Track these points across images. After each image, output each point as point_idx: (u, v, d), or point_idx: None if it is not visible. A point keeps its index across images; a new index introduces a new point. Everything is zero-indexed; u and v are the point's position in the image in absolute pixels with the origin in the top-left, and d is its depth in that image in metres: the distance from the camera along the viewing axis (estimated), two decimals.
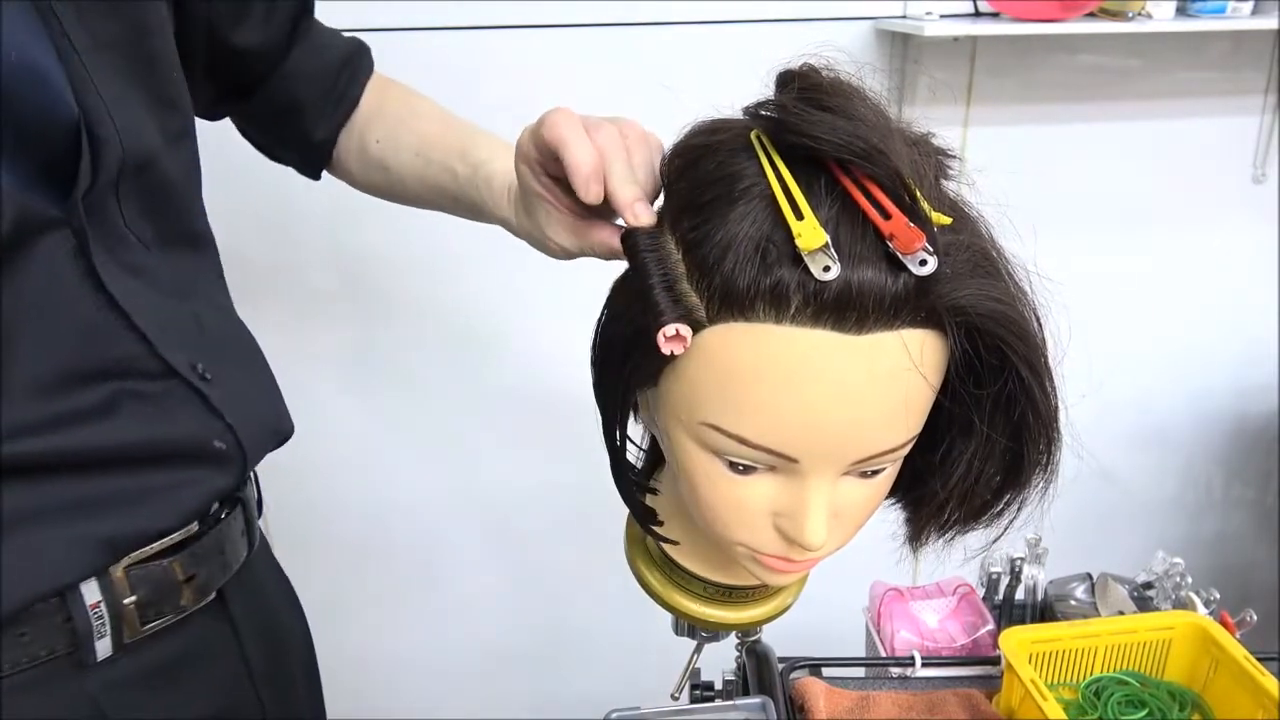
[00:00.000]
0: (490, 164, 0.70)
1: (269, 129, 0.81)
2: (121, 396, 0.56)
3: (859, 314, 0.46)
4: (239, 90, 0.76)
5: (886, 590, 1.05)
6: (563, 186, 0.59)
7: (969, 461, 0.55)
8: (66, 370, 0.53)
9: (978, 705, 0.88)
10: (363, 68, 0.81)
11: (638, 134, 0.57)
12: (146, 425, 0.57)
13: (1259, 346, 1.72)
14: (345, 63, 0.79)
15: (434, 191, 0.76)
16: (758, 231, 0.47)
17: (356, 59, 0.80)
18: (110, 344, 0.56)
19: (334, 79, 0.78)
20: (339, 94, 0.78)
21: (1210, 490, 1.85)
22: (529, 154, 0.58)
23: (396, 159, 0.77)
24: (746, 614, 0.69)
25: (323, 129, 0.79)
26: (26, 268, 0.50)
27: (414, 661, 1.69)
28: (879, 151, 0.45)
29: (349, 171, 0.81)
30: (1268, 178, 1.60)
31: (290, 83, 0.76)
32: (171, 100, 0.61)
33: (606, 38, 1.34)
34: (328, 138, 0.79)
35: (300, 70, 0.76)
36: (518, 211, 0.66)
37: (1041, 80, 1.48)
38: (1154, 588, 1.04)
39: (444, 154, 0.74)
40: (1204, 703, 0.87)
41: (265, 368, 0.72)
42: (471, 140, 0.73)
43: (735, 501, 0.53)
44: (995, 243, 0.51)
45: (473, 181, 0.71)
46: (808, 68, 0.50)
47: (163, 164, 0.59)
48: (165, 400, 0.59)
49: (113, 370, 0.56)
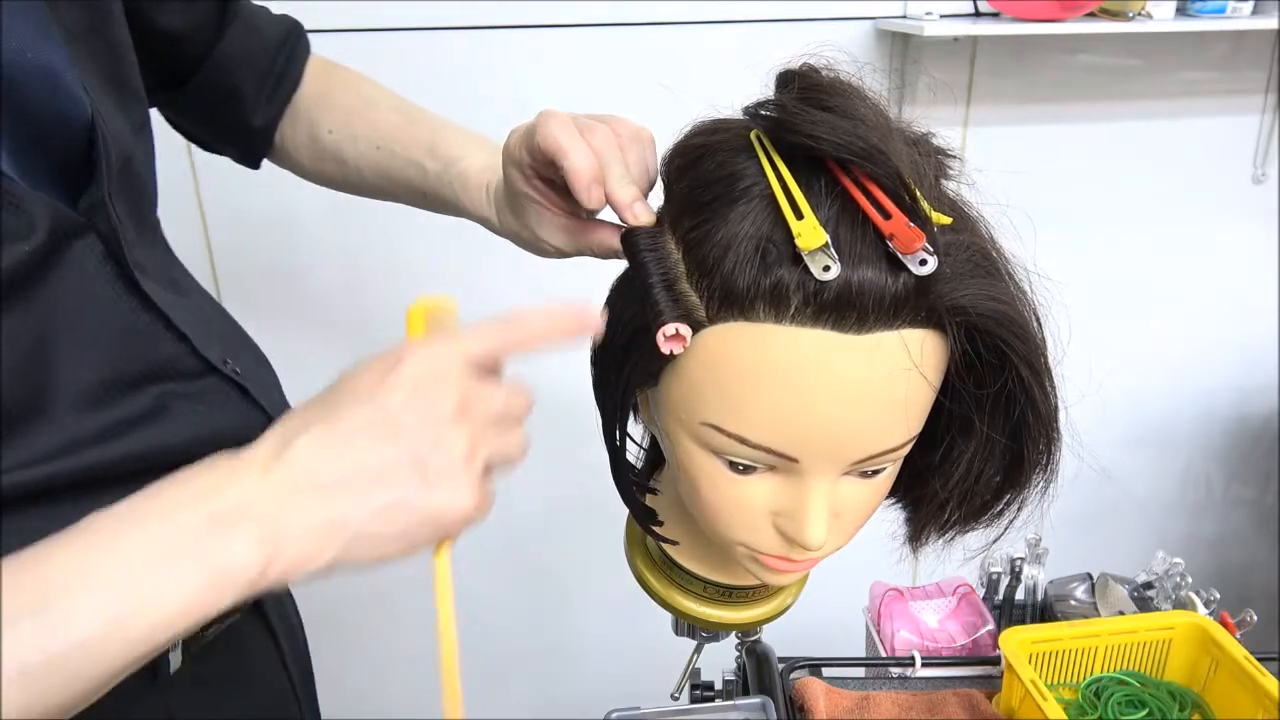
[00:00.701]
0: (463, 161, 0.69)
1: (205, 118, 0.76)
2: (169, 398, 0.55)
3: (859, 314, 0.46)
4: (172, 79, 0.72)
5: (886, 590, 1.05)
6: (556, 189, 0.59)
7: (969, 461, 0.55)
8: (113, 377, 0.52)
9: (978, 705, 0.88)
10: (300, 48, 0.77)
11: (630, 132, 0.56)
12: (198, 424, 0.56)
13: (1259, 346, 1.72)
14: (282, 43, 0.75)
15: (397, 185, 0.74)
16: (758, 231, 0.47)
17: (294, 39, 0.76)
18: (152, 346, 0.55)
19: (271, 60, 0.74)
20: (278, 76, 0.75)
21: (1210, 490, 1.85)
22: (521, 159, 0.58)
23: (354, 151, 0.74)
24: (746, 614, 0.69)
25: (262, 114, 0.75)
26: (63, 276, 0.49)
27: (414, 661, 1.69)
28: (879, 151, 0.45)
29: (297, 162, 0.78)
30: (1268, 178, 1.60)
31: (226, 67, 0.72)
32: (135, 90, 0.59)
33: (606, 38, 1.35)
34: (268, 123, 0.76)
35: (235, 52, 0.72)
36: (501, 212, 0.66)
37: (1041, 80, 1.48)
38: (1154, 588, 1.04)
39: (409, 148, 0.72)
40: (1204, 703, 0.87)
41: (263, 355, 0.72)
42: (439, 135, 0.72)
43: (735, 501, 0.53)
44: (995, 242, 0.51)
45: (444, 178, 0.70)
46: (807, 67, 0.50)
47: (136, 157, 0.58)
48: (210, 397, 0.58)
49: (157, 372, 0.55)
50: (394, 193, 0.76)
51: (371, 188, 0.77)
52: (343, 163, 0.75)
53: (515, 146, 0.58)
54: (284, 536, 0.40)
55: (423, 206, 0.75)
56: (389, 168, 0.73)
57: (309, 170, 0.79)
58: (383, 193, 0.77)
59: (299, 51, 0.77)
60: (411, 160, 0.72)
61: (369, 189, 0.77)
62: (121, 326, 0.53)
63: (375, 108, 0.75)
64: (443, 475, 0.43)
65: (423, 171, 0.71)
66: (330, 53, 1.28)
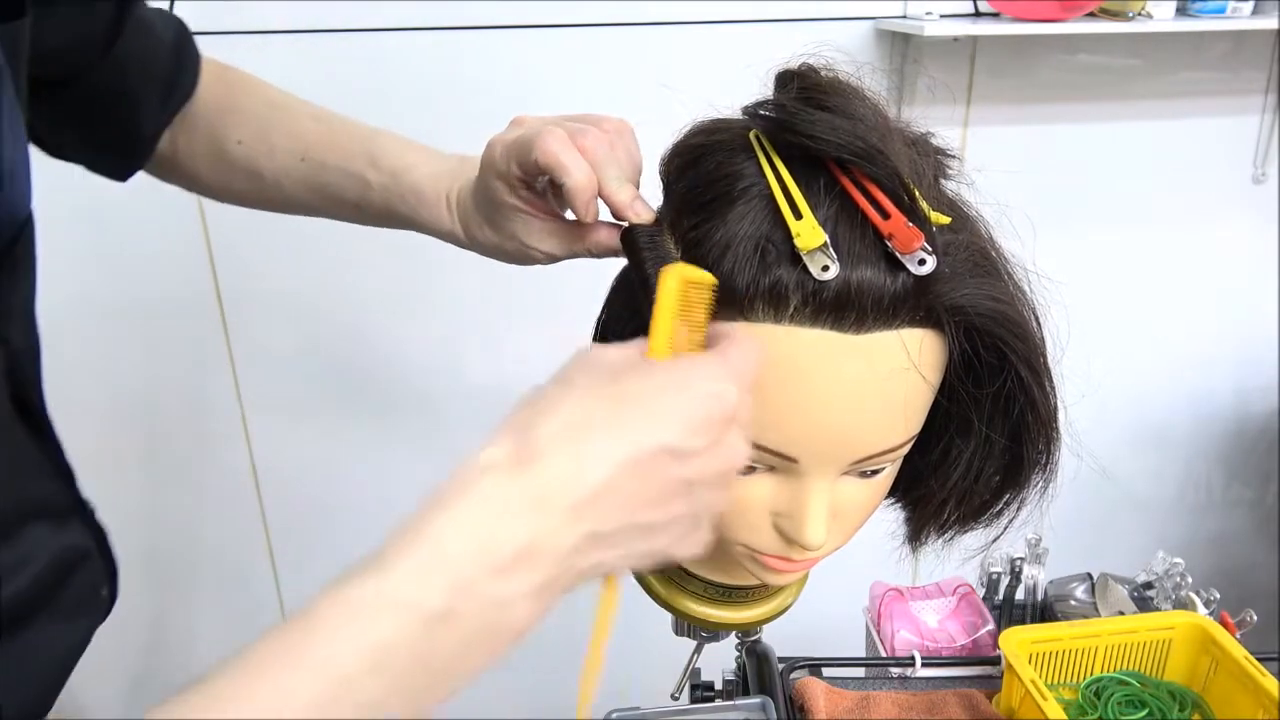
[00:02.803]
0: (414, 171, 0.64)
1: (79, 122, 0.66)
2: (31, 549, 0.48)
3: (858, 313, 0.46)
4: (53, 81, 0.61)
5: (886, 590, 1.05)
6: (541, 195, 0.57)
7: (968, 461, 0.55)
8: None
9: (978, 705, 0.88)
10: (191, 49, 0.69)
11: (616, 128, 0.55)
12: (57, 577, 0.50)
13: (1259, 346, 1.71)
14: (176, 45, 0.67)
15: (329, 200, 0.68)
16: (757, 231, 0.47)
17: (184, 40, 0.69)
18: (35, 480, 0.49)
19: (167, 64, 0.66)
20: (171, 81, 0.67)
21: (1210, 490, 1.85)
22: (509, 171, 0.55)
23: (272, 164, 0.67)
24: (746, 614, 0.69)
25: (153, 122, 0.67)
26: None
27: None
28: (878, 151, 0.45)
29: (194, 174, 0.70)
30: (1268, 178, 1.60)
31: (119, 70, 0.63)
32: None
33: (606, 38, 1.34)
34: (156, 131, 0.68)
35: (130, 55, 0.64)
36: (473, 225, 0.62)
37: (1041, 80, 1.48)
38: (1154, 588, 1.04)
39: (344, 159, 0.66)
40: (1204, 703, 0.87)
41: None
42: (376, 144, 0.66)
43: (735, 501, 0.53)
44: (994, 242, 0.51)
45: (394, 191, 0.64)
46: (806, 67, 0.50)
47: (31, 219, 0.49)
48: (72, 545, 0.52)
49: (35, 511, 0.48)
50: (323, 208, 0.69)
51: (295, 203, 0.69)
52: (258, 176, 0.68)
53: (502, 159, 0.55)
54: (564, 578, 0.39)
55: (358, 221, 0.69)
56: (320, 181, 0.67)
57: (209, 183, 0.71)
58: (308, 208, 0.70)
59: (191, 56, 0.69)
60: (349, 172, 0.65)
61: (291, 204, 0.70)
62: (9, 457, 0.47)
63: (290, 114, 0.69)
64: (702, 527, 0.43)
65: (364, 184, 0.65)
66: (330, 53, 1.29)
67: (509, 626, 0.38)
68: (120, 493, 1.54)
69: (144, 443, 1.52)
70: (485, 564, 0.36)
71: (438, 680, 0.36)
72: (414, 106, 1.29)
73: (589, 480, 0.38)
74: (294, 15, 1.27)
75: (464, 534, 0.37)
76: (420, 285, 1.44)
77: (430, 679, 0.36)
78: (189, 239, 1.37)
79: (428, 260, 1.39)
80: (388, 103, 1.30)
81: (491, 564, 0.37)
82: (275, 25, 1.28)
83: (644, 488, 0.39)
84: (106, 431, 1.49)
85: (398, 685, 0.35)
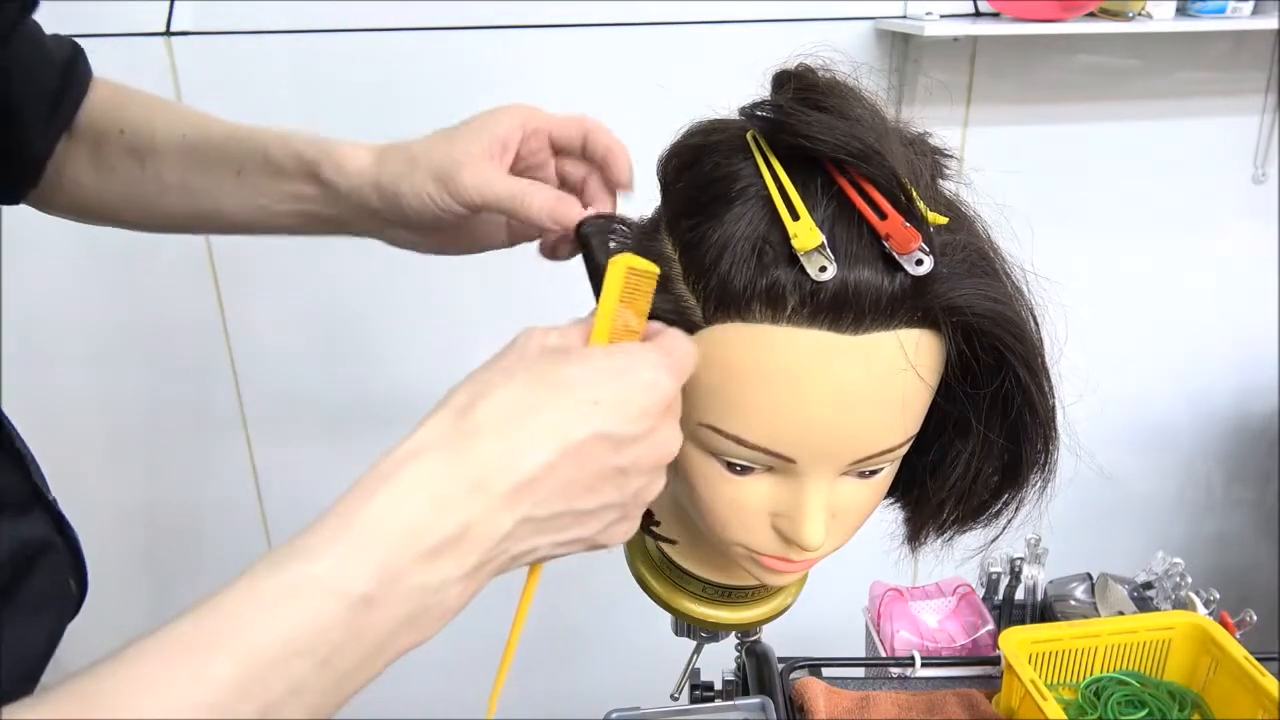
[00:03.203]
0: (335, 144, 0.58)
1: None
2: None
3: (855, 314, 0.46)
4: None
5: (886, 590, 1.05)
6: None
7: (967, 461, 0.55)
8: None
9: (978, 705, 0.88)
10: (83, 69, 0.65)
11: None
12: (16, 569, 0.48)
13: (1259, 346, 1.71)
14: (68, 63, 0.63)
15: (211, 176, 0.60)
16: (754, 232, 0.47)
17: (78, 61, 0.64)
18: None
19: (54, 79, 0.62)
20: (59, 96, 0.62)
21: (1210, 490, 1.85)
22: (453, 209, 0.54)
23: (154, 145, 0.61)
24: (746, 614, 0.69)
25: (42, 139, 0.62)
26: None
27: (413, 661, 1.69)
28: (875, 151, 0.45)
29: (77, 186, 0.64)
30: (1268, 178, 1.60)
31: (4, 74, 0.59)
32: None
33: (606, 38, 1.35)
34: (47, 149, 0.62)
35: (16, 61, 0.59)
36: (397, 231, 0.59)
37: (1041, 80, 1.48)
38: (1154, 588, 1.04)
39: (232, 129, 0.60)
40: (1204, 703, 0.87)
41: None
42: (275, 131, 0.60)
43: (733, 502, 0.53)
44: (992, 242, 0.51)
45: (298, 143, 0.58)
46: (803, 68, 0.50)
47: None
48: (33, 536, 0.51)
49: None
50: (204, 193, 0.60)
51: (175, 194, 0.61)
52: (138, 164, 0.62)
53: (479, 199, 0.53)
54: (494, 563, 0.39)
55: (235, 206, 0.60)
56: (202, 152, 0.60)
57: (89, 194, 0.64)
58: (192, 194, 0.61)
59: (82, 71, 0.64)
60: (237, 137, 0.59)
61: (172, 200, 0.62)
62: None
63: (180, 108, 0.64)
64: (630, 517, 0.43)
65: (257, 145, 0.58)
66: (330, 53, 1.29)
67: (439, 609, 0.38)
68: (120, 493, 1.54)
69: (144, 443, 1.52)
70: (416, 548, 0.36)
71: (366, 661, 0.36)
72: (414, 106, 1.29)
73: (527, 464, 0.38)
74: (294, 15, 1.27)
75: (395, 517, 0.36)
76: (421, 288, 1.44)
77: (359, 660, 0.36)
78: (190, 240, 1.37)
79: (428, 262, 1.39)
80: (387, 103, 1.30)
81: (423, 548, 0.36)
82: (275, 25, 1.28)
83: (580, 473, 0.39)
84: (107, 431, 1.50)
85: (326, 667, 0.35)
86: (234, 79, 1.30)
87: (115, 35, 1.25)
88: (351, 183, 0.56)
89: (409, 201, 0.54)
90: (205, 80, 1.29)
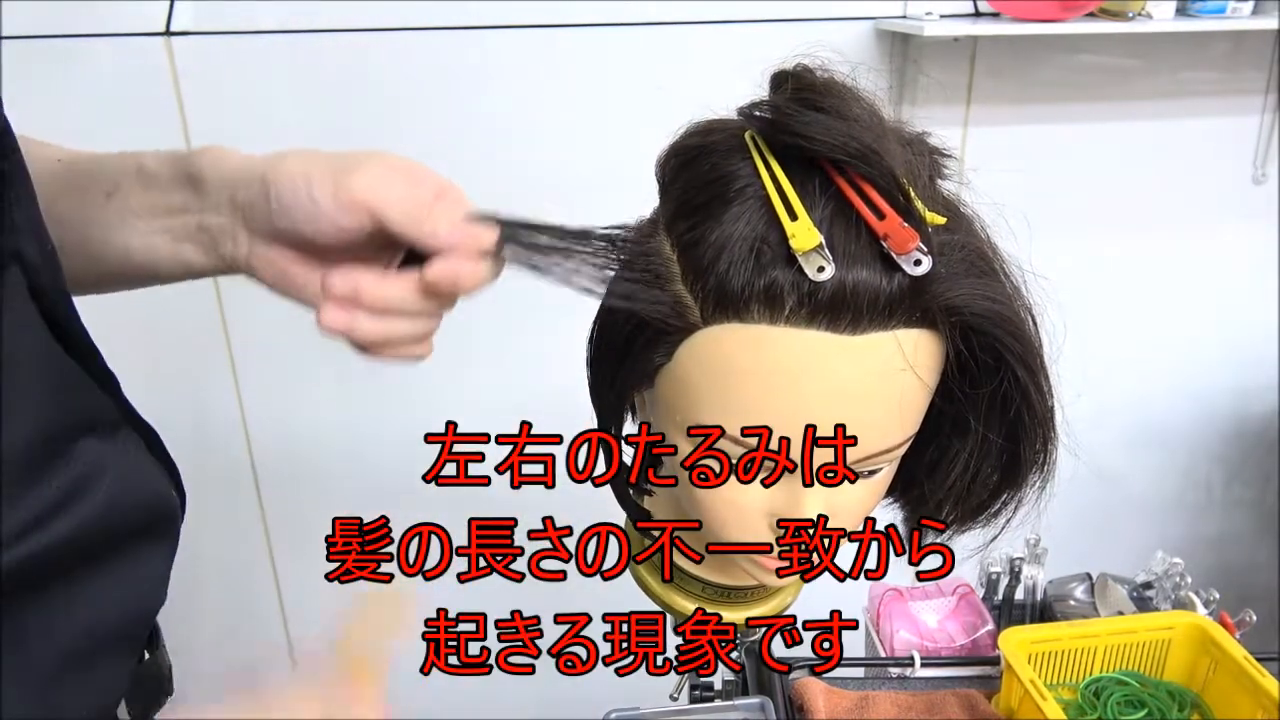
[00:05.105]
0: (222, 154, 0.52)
1: None
2: (90, 463, 0.46)
3: (853, 314, 0.46)
4: None
5: (886, 590, 1.05)
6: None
7: (965, 461, 0.55)
8: (49, 436, 0.44)
9: (977, 705, 0.87)
10: None
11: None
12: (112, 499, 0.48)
13: (1259, 346, 1.71)
14: None
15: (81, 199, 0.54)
16: (752, 232, 0.47)
17: None
18: (77, 394, 0.47)
19: None
20: None
21: (1210, 490, 1.85)
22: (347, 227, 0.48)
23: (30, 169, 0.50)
24: (745, 614, 0.69)
25: None
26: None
27: (413, 661, 1.69)
28: (873, 151, 0.45)
29: None
30: (1268, 178, 1.60)
31: None
32: None
33: (605, 38, 1.34)
34: None
35: None
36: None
37: (1041, 80, 1.48)
38: (1154, 588, 1.04)
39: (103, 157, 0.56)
40: (1204, 703, 0.87)
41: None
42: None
43: (733, 502, 0.53)
44: (991, 242, 0.51)
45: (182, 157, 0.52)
46: (801, 68, 0.50)
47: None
48: (129, 454, 0.51)
49: (84, 425, 0.47)
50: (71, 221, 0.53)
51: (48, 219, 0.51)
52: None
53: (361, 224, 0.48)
54: None
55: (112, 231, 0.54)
56: (73, 180, 0.54)
57: None
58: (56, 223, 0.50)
59: None
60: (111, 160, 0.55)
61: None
62: (49, 372, 0.45)
63: (57, 146, 0.58)
64: None
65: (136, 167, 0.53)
66: (330, 52, 1.29)
67: None
68: None
69: None
70: None
71: None
72: (413, 106, 1.29)
73: None
74: (294, 15, 1.27)
75: None
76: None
77: None
78: None
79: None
80: (387, 103, 1.30)
81: None
82: (275, 25, 1.28)
83: None
84: None
85: None
86: (234, 79, 1.29)
87: (115, 35, 1.24)
88: (233, 170, 0.50)
89: (297, 185, 0.48)
90: (205, 80, 1.29)
